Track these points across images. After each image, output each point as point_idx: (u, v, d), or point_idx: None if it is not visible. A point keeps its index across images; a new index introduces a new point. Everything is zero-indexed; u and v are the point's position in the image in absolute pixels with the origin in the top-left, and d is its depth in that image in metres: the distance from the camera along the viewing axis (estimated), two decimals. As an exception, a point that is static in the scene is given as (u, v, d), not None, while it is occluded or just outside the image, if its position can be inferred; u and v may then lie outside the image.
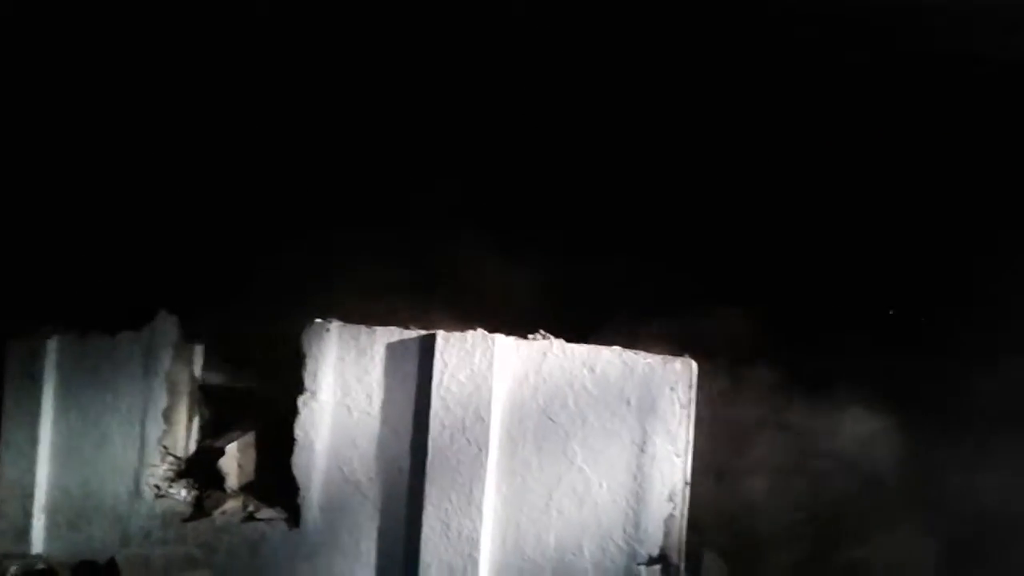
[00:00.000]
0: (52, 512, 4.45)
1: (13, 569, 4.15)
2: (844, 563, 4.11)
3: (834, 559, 4.10)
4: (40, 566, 4.23)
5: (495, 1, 4.29)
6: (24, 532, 4.43)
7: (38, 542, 4.45)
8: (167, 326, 4.30)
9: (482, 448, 3.67)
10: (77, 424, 4.38)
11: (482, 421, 3.67)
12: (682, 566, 3.58)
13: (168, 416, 4.27)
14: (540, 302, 4.14)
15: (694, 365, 3.62)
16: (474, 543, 3.67)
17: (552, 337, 3.73)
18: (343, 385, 3.88)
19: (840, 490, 4.27)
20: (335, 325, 3.91)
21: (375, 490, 3.84)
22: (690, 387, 3.60)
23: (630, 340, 3.77)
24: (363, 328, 3.89)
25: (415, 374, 3.80)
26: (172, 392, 4.28)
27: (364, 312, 4.01)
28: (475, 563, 3.66)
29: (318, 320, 3.93)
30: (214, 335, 4.36)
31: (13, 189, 4.94)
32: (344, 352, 3.90)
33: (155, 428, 4.25)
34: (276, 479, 4.03)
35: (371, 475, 3.84)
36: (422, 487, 3.72)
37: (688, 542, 3.72)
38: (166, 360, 4.28)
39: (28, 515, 4.44)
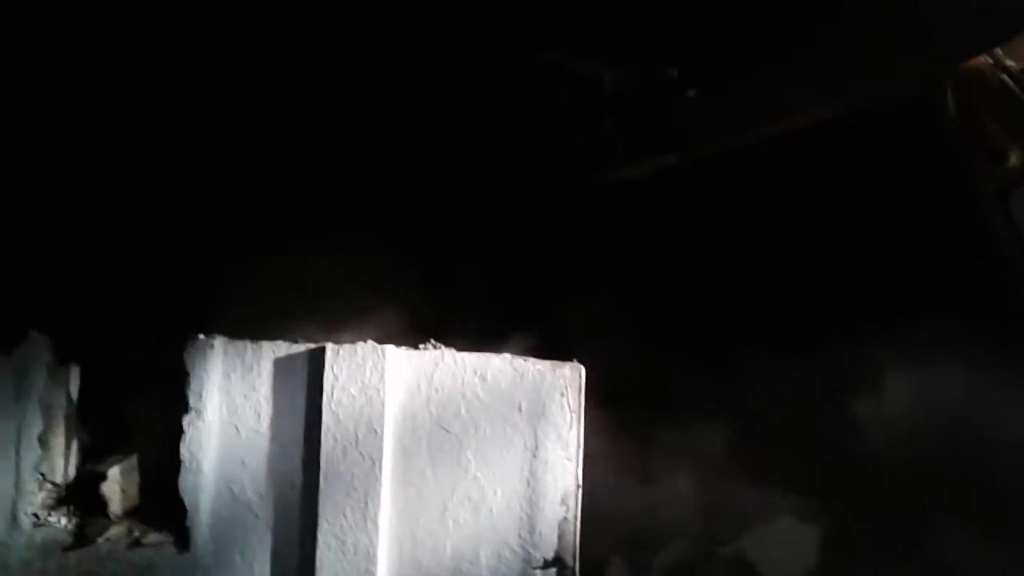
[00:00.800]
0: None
1: None
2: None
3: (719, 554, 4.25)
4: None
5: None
6: None
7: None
8: (39, 347, 4.10)
9: (376, 461, 3.65)
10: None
11: (375, 434, 3.64)
12: (577, 568, 3.63)
13: (44, 441, 4.08)
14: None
15: (582, 370, 3.68)
16: (371, 558, 3.64)
17: (443, 346, 3.74)
18: (230, 403, 3.79)
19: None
20: (220, 341, 3.81)
21: (267, 509, 3.77)
22: (579, 392, 3.66)
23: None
24: (249, 343, 3.80)
25: (305, 389, 3.74)
26: (47, 416, 4.09)
27: (255, 325, 3.93)
28: (372, 576, 3.64)
29: (201, 336, 3.83)
30: (92, 355, 4.20)
31: None
32: (230, 369, 3.80)
33: (30, 454, 4.05)
34: (163, 503, 3.91)
35: (262, 494, 3.76)
36: (316, 503, 3.67)
37: (593, 546, 3.81)
38: (39, 383, 4.09)
39: None
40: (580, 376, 3.67)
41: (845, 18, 3.30)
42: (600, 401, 3.95)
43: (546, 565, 3.60)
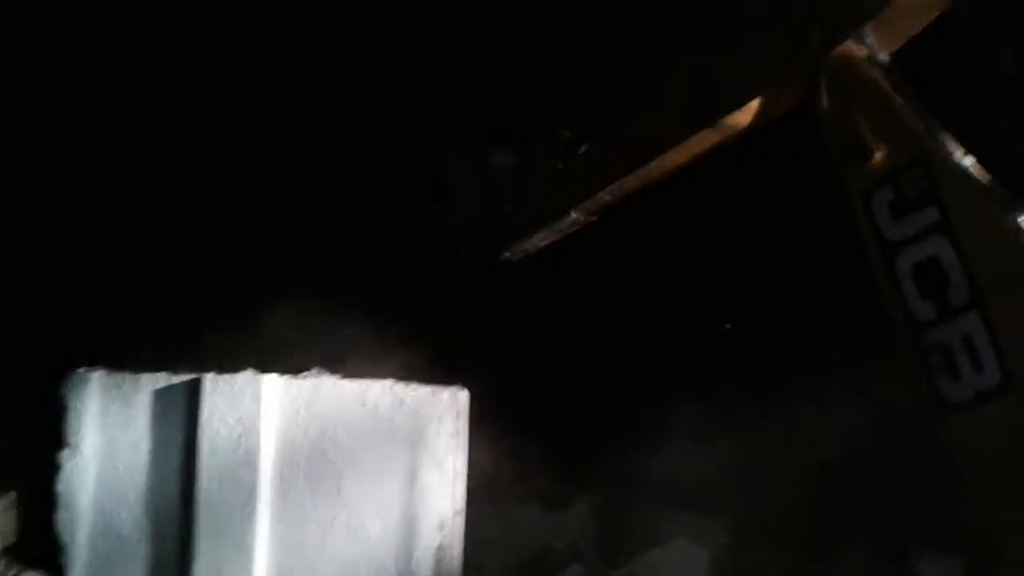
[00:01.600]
0: None
1: None
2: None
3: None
4: None
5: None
6: None
7: None
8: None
9: (253, 493, 3.62)
10: None
11: (253, 465, 3.62)
12: (456, 593, 3.63)
13: (-78, 480, 4.03)
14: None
15: (463, 395, 3.70)
16: (248, 590, 3.62)
17: (325, 373, 3.74)
18: (108, 437, 3.75)
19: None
20: (97, 374, 3.78)
21: (145, 544, 3.71)
22: (458, 417, 3.67)
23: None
24: (127, 375, 3.77)
25: (183, 421, 3.71)
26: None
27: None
28: (250, 610, 3.61)
29: (79, 369, 3.80)
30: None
31: None
32: (108, 402, 3.77)
33: (-94, 493, 4.00)
34: (42, 540, 3.86)
35: (141, 529, 3.70)
36: (193, 537, 3.63)
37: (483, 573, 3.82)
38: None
39: None
40: (461, 401, 3.68)
41: (720, 29, 3.39)
42: (494, 427, 3.98)
43: (424, 592, 3.60)
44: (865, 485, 4.31)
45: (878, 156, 2.75)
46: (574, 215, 3.61)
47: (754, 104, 3.08)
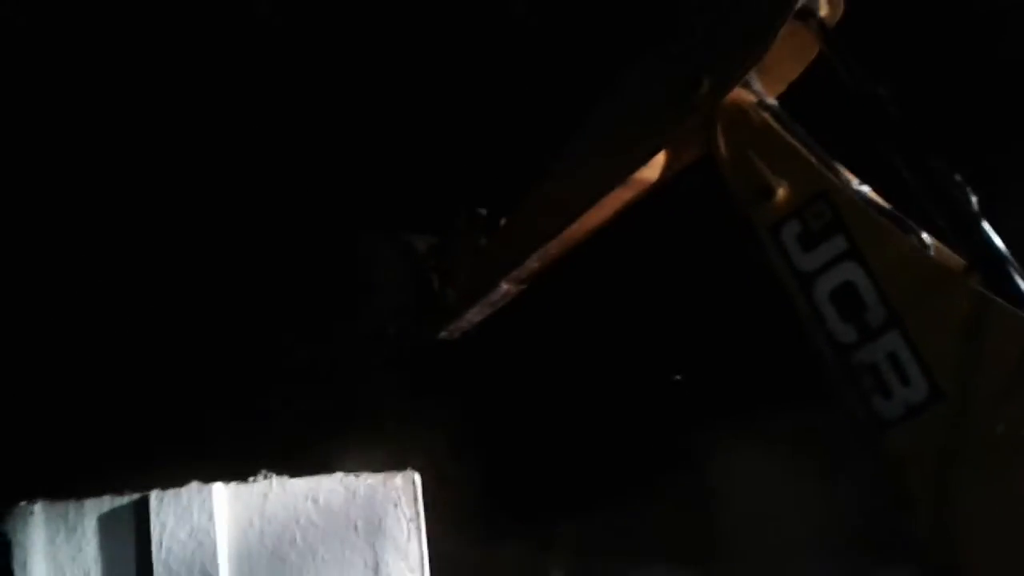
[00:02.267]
0: None
1: None
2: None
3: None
4: None
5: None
6: None
7: None
8: None
9: (211, 604, 3.54)
10: None
11: (208, 576, 3.54)
12: None
13: None
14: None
15: (416, 477, 3.67)
16: None
17: (273, 475, 3.69)
18: (56, 569, 3.64)
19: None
20: (40, 505, 3.68)
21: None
22: (415, 500, 3.64)
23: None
24: (71, 503, 3.67)
25: (134, 541, 3.63)
26: None
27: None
28: None
29: (22, 503, 3.70)
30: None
31: None
32: (54, 533, 3.66)
33: None
34: None
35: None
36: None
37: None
38: None
39: None
40: (414, 484, 3.66)
41: (620, 89, 3.50)
42: (449, 507, 3.95)
43: None
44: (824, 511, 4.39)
45: (780, 193, 2.87)
46: (504, 286, 3.67)
47: (659, 158, 3.20)
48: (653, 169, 3.23)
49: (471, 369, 4.38)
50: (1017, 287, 2.62)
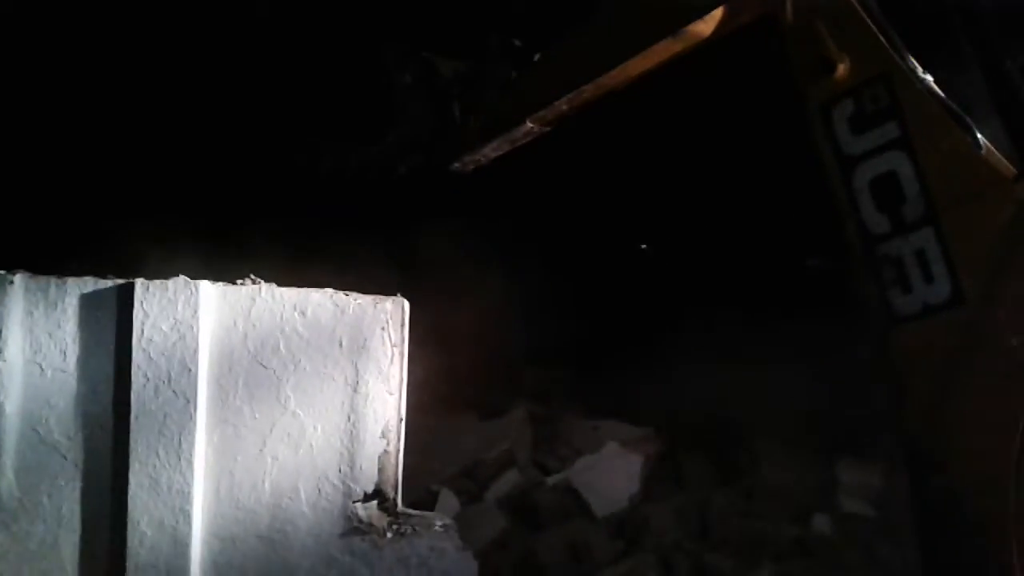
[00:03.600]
0: None
1: None
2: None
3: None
4: None
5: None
6: None
7: None
8: None
9: (190, 399, 3.54)
10: None
11: (189, 371, 3.53)
12: (399, 499, 3.64)
13: None
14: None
15: (405, 304, 3.64)
16: (186, 496, 3.55)
17: (261, 281, 3.63)
18: (33, 342, 3.59)
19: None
20: (20, 277, 3.60)
21: (76, 450, 3.61)
22: (402, 326, 3.62)
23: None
24: (53, 279, 3.60)
25: (114, 326, 3.58)
26: None
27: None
28: (188, 516, 3.55)
29: (1, 272, 3.61)
30: None
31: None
32: (32, 306, 3.60)
33: None
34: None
35: (70, 435, 3.59)
36: (127, 444, 3.54)
37: (423, 478, 3.82)
38: None
39: None
40: (403, 310, 3.63)
41: None
42: (430, 338, 3.95)
43: (367, 498, 3.60)
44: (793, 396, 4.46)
45: (841, 68, 2.75)
46: (529, 125, 3.53)
47: (717, 13, 3.03)
48: (708, 23, 3.05)
49: (478, 199, 4.27)
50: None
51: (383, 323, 3.61)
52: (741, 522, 4.27)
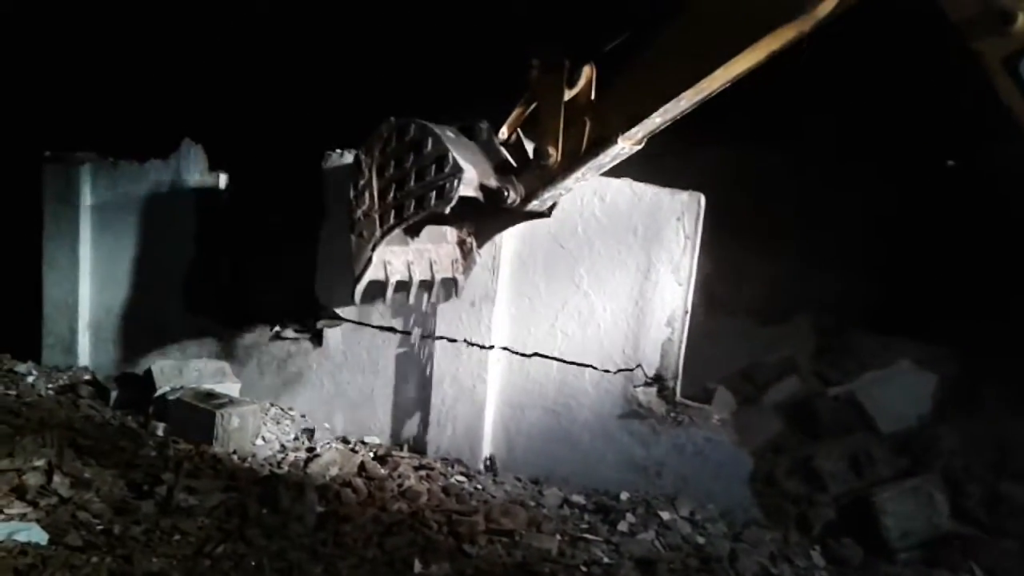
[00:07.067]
0: (95, 328, 4.76)
1: None
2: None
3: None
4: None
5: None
6: (71, 347, 4.76)
7: (84, 355, 4.78)
8: (193, 153, 4.46)
9: (493, 271, 3.81)
10: (114, 246, 4.63)
11: (493, 244, 3.77)
12: (678, 388, 3.73)
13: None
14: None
15: (702, 198, 3.66)
16: (483, 364, 3.87)
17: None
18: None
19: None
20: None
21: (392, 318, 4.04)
22: (696, 219, 3.65)
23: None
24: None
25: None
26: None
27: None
28: (483, 382, 3.88)
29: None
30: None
31: (53, 29, 5.10)
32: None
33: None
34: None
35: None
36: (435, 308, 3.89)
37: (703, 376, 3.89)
38: (192, 185, 4.46)
39: (74, 331, 4.75)
40: (699, 204, 3.65)
41: None
42: (719, 238, 3.94)
43: (647, 383, 3.72)
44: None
45: (1021, 20, 2.39)
46: (620, 144, 3.13)
47: None
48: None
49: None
50: None
51: (679, 213, 3.66)
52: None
